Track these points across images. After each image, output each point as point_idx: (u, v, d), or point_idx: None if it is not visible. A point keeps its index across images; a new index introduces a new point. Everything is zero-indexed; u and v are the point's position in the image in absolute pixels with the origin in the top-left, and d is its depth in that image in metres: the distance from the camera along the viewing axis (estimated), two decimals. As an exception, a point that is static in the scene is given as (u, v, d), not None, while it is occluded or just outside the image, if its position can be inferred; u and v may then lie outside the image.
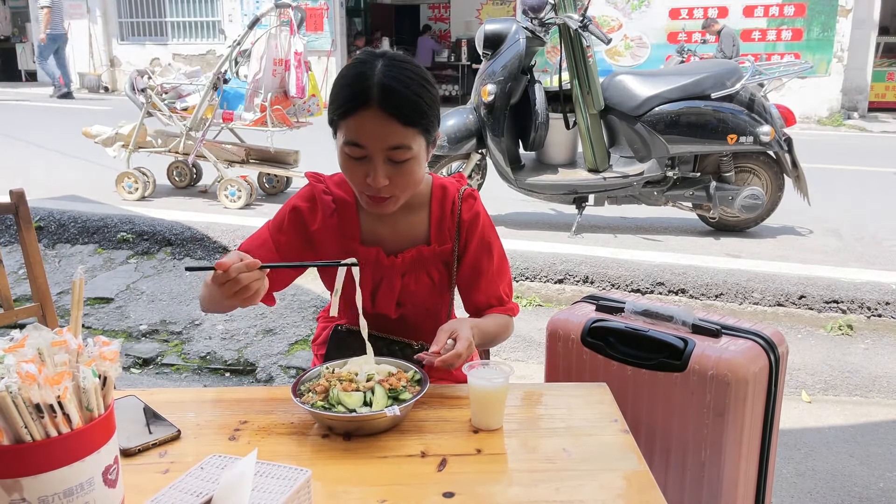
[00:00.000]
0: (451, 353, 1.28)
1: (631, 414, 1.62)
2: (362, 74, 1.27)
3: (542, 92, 4.75)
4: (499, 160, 4.72)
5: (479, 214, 1.50)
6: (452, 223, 1.48)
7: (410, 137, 1.29)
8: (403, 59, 1.32)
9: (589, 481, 1.07)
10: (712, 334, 1.60)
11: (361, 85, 1.26)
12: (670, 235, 4.88)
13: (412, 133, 1.29)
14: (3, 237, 4.64)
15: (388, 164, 1.29)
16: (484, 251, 1.50)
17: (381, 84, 1.25)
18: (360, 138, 1.28)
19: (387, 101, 1.25)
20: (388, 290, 1.46)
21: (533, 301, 3.92)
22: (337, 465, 1.10)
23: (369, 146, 1.28)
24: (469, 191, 1.50)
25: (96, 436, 0.87)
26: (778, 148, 4.55)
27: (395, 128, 1.26)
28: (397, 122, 1.26)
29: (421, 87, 1.30)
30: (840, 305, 3.71)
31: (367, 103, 1.25)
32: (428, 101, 1.30)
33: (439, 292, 1.50)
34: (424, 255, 1.46)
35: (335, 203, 1.46)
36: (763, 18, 11.73)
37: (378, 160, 1.29)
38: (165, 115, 5.61)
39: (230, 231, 4.70)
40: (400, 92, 1.26)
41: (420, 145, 1.31)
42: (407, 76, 1.28)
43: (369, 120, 1.26)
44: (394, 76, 1.27)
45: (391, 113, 1.25)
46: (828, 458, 2.52)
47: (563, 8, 4.59)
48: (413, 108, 1.28)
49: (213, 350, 3.33)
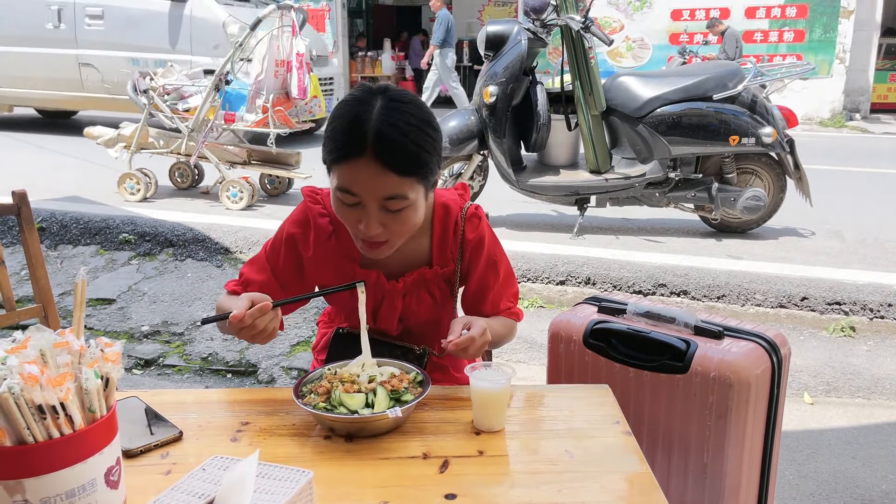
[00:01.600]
0: (465, 336, 1.27)
1: (633, 416, 1.62)
2: (358, 118, 1.19)
3: (544, 93, 4.75)
4: (500, 161, 4.72)
5: (483, 235, 1.44)
6: (455, 244, 1.43)
7: (407, 187, 1.21)
8: (403, 98, 1.23)
9: (591, 483, 1.07)
10: (714, 336, 1.60)
11: (356, 131, 1.18)
12: (672, 237, 4.87)
13: (409, 182, 1.21)
14: (6, 238, 4.64)
15: (383, 211, 1.23)
16: (490, 271, 1.48)
17: (378, 132, 1.17)
18: (353, 187, 1.21)
19: (382, 151, 1.17)
20: (389, 310, 1.45)
21: (535, 302, 3.92)
22: (339, 467, 1.10)
23: (363, 195, 1.21)
24: (472, 209, 1.44)
25: (98, 437, 0.88)
26: (780, 149, 4.55)
27: (391, 178, 1.19)
28: (393, 172, 1.19)
29: (420, 134, 1.21)
30: (842, 307, 3.71)
31: (362, 152, 1.17)
32: (428, 147, 1.23)
33: (441, 306, 1.49)
34: (426, 277, 1.44)
35: (332, 225, 1.41)
36: (765, 20, 11.73)
37: (372, 208, 1.22)
38: (167, 117, 5.62)
39: (232, 232, 4.70)
40: (397, 141, 1.18)
41: (418, 192, 1.24)
42: (406, 122, 1.20)
43: (363, 169, 1.18)
44: (391, 122, 1.18)
45: (387, 164, 1.18)
46: (830, 460, 2.52)
47: (565, 9, 4.58)
48: (411, 159, 1.20)
49: (214, 351, 3.33)
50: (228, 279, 4.19)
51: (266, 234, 4.64)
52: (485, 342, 1.30)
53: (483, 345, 1.30)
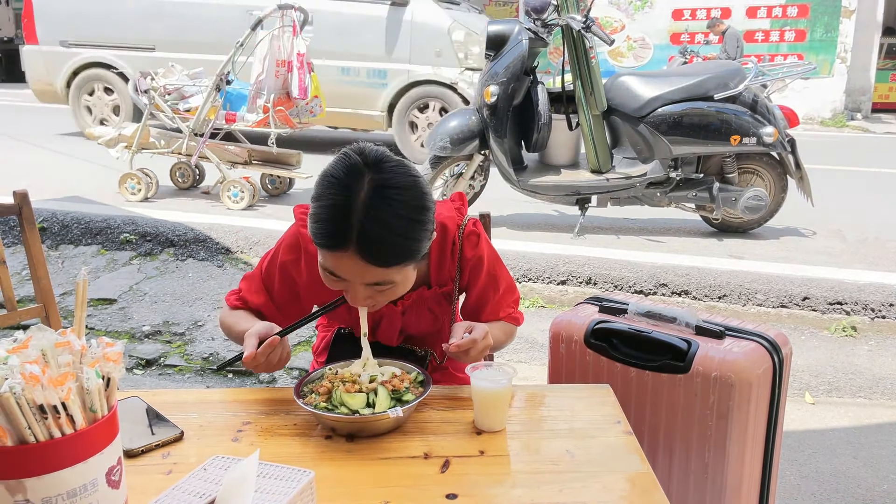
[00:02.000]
0: (467, 339, 1.27)
1: (634, 416, 1.62)
2: (342, 209, 1.13)
3: (545, 93, 4.75)
4: (501, 161, 4.72)
5: (482, 253, 1.43)
6: (453, 264, 1.42)
7: (393, 273, 1.19)
8: (394, 183, 1.15)
9: (592, 483, 1.07)
10: (716, 336, 1.60)
11: (341, 223, 1.13)
12: (673, 236, 4.87)
13: (395, 270, 1.19)
14: (7, 238, 4.64)
15: (370, 289, 1.22)
16: (490, 286, 1.48)
17: (362, 228, 1.12)
18: (336, 271, 1.19)
19: (367, 248, 1.14)
20: (388, 326, 1.45)
21: (536, 302, 3.92)
22: (340, 467, 1.10)
23: (347, 279, 1.20)
24: (470, 226, 1.42)
25: (100, 437, 0.88)
26: (781, 149, 4.55)
27: (376, 270, 1.17)
28: (378, 266, 1.17)
29: (409, 225, 1.16)
30: (844, 307, 3.70)
31: (346, 246, 1.13)
32: (418, 235, 1.18)
33: (442, 320, 1.49)
34: (425, 298, 1.44)
35: None
36: (766, 19, 11.73)
37: (357, 288, 1.21)
38: (168, 117, 5.62)
39: (233, 232, 4.70)
40: (382, 241, 1.14)
41: (406, 273, 1.22)
42: (394, 214, 1.14)
43: (347, 260, 1.15)
44: (376, 218, 1.13)
45: (371, 261, 1.15)
46: (831, 460, 2.51)
47: (566, 9, 4.58)
48: (397, 253, 1.17)
49: (215, 351, 3.33)
50: (229, 279, 4.21)
51: (267, 233, 4.64)
52: (486, 346, 1.31)
53: (485, 348, 1.31)
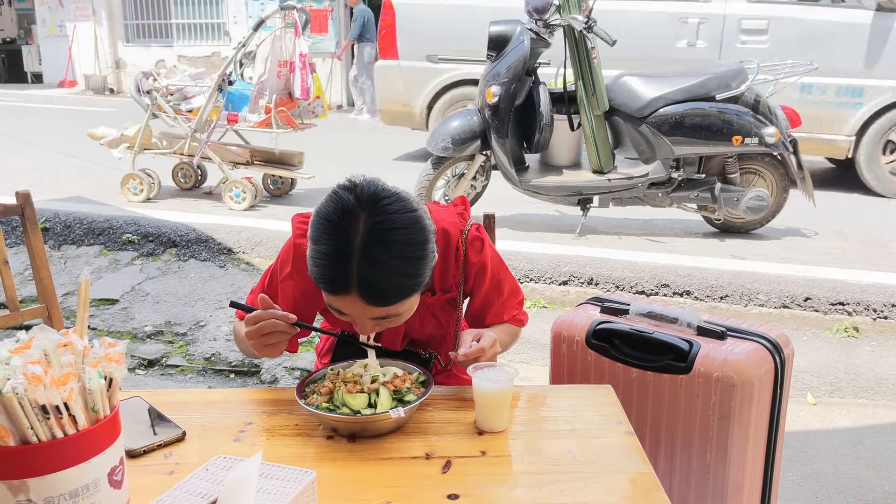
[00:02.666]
0: (475, 348, 1.28)
1: (636, 416, 1.62)
2: (340, 256, 1.14)
3: (547, 93, 4.74)
4: (503, 161, 4.72)
5: (485, 258, 1.43)
6: (457, 270, 1.42)
7: (398, 308, 1.20)
8: (390, 224, 1.14)
9: (594, 483, 1.07)
10: (717, 336, 1.60)
11: (339, 271, 1.14)
12: (675, 237, 4.87)
13: (399, 305, 1.20)
14: (9, 238, 4.65)
15: (376, 321, 1.24)
16: (494, 291, 1.47)
17: (361, 274, 1.13)
18: (341, 309, 1.21)
19: (368, 294, 1.15)
20: (392, 333, 1.44)
21: (537, 303, 3.91)
22: (341, 467, 1.10)
23: (352, 316, 1.22)
24: (473, 232, 1.42)
25: (102, 437, 0.88)
26: (783, 149, 4.54)
27: (379, 309, 1.19)
28: (380, 307, 1.18)
29: (410, 263, 1.17)
30: (846, 307, 3.70)
31: (347, 291, 1.15)
32: (419, 271, 1.19)
33: (446, 326, 1.48)
34: (429, 304, 1.43)
35: None
36: (768, 19, 11.69)
37: (363, 321, 1.23)
38: (170, 117, 5.62)
39: (235, 232, 4.70)
40: (383, 285, 1.16)
41: (411, 302, 1.23)
42: (393, 256, 1.14)
43: (350, 302, 1.17)
44: (376, 261, 1.13)
45: (373, 303, 1.16)
46: (833, 461, 2.51)
47: (568, 9, 4.58)
48: (397, 293, 1.18)
49: (217, 351, 3.34)
50: (231, 280, 4.21)
51: (269, 234, 4.64)
52: (494, 354, 1.31)
53: (493, 356, 1.31)
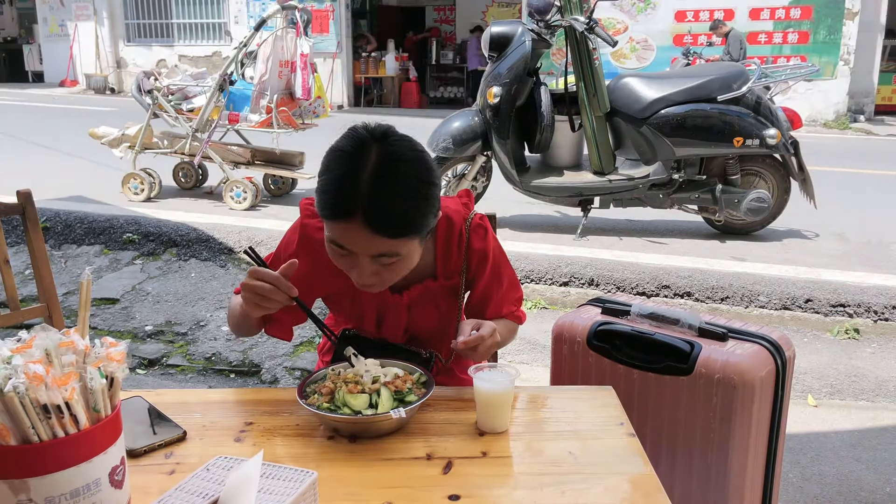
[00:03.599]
0: (475, 336, 1.27)
1: (637, 417, 1.62)
2: (349, 178, 1.15)
3: (548, 94, 4.75)
4: (504, 162, 4.72)
5: (488, 246, 1.43)
6: (459, 256, 1.42)
7: (399, 245, 1.19)
8: (399, 155, 1.18)
9: (595, 485, 1.07)
10: (719, 338, 1.60)
11: (347, 193, 1.15)
12: (676, 238, 4.87)
13: (402, 241, 1.19)
14: (10, 238, 4.65)
15: (376, 263, 1.22)
16: (494, 281, 1.48)
17: (369, 196, 1.14)
18: (344, 243, 1.20)
19: (373, 217, 1.14)
20: (394, 322, 1.45)
21: (538, 303, 3.91)
22: (342, 467, 1.10)
23: (354, 250, 1.20)
24: (477, 220, 1.43)
25: (103, 437, 0.88)
26: (784, 151, 4.54)
27: (382, 241, 1.17)
28: (384, 237, 1.17)
29: (415, 196, 1.18)
30: (846, 309, 3.70)
31: (352, 216, 1.15)
32: (423, 209, 1.19)
33: (448, 318, 1.48)
34: (431, 290, 1.43)
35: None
36: (769, 21, 11.71)
37: (364, 261, 1.21)
38: (171, 117, 5.63)
39: (235, 232, 4.70)
40: (389, 207, 1.15)
41: (411, 247, 1.22)
42: (400, 185, 1.16)
43: (354, 231, 1.16)
44: (383, 187, 1.15)
45: (377, 230, 1.15)
46: (834, 463, 2.51)
47: (569, 10, 4.58)
48: (403, 224, 1.18)
49: (218, 351, 3.34)
50: (232, 279, 4.21)
51: (269, 234, 4.64)
52: (494, 343, 1.31)
53: (492, 346, 1.31)
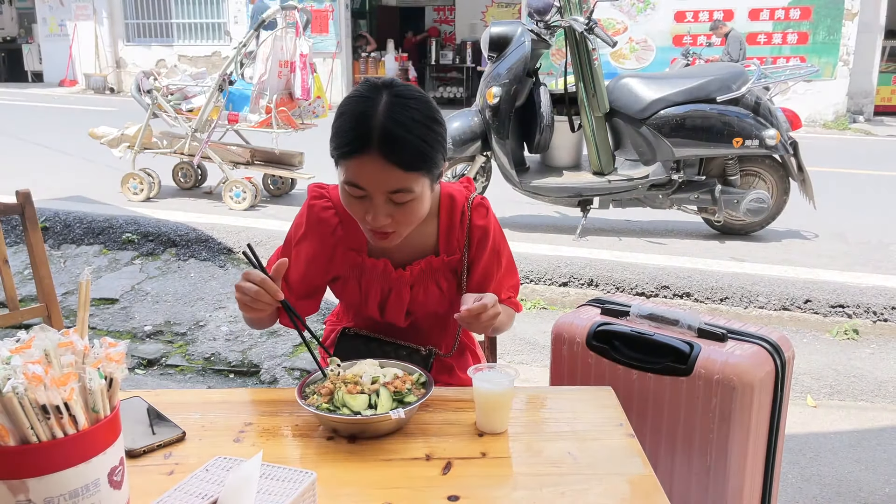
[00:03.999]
0: (478, 304, 1.28)
1: (636, 418, 1.62)
2: (363, 114, 1.22)
3: (548, 94, 4.75)
4: (503, 162, 4.72)
5: (489, 224, 1.47)
6: (462, 233, 1.45)
7: (412, 181, 1.24)
8: (408, 94, 1.25)
9: (594, 485, 1.07)
10: (718, 338, 1.60)
11: (362, 127, 1.21)
12: (675, 239, 4.87)
13: (414, 176, 1.24)
14: (9, 237, 4.65)
15: (390, 204, 1.26)
16: (494, 261, 1.49)
17: (383, 128, 1.20)
18: (359, 181, 1.24)
19: (388, 146, 1.20)
20: (396, 301, 1.46)
21: (537, 304, 3.91)
22: (342, 468, 1.10)
23: (369, 188, 1.24)
24: (478, 199, 1.47)
25: (102, 437, 0.87)
26: (783, 151, 4.54)
27: (396, 173, 1.22)
28: (398, 168, 1.21)
29: (426, 129, 1.24)
30: (846, 310, 3.70)
31: (367, 148, 1.20)
32: (433, 142, 1.25)
33: (448, 300, 1.50)
34: (433, 266, 1.45)
35: (338, 216, 1.43)
36: (769, 22, 11.71)
37: (379, 201, 1.25)
38: (171, 117, 5.62)
39: (235, 232, 4.70)
40: (402, 137, 1.21)
41: (423, 185, 1.27)
42: (411, 118, 1.22)
43: (369, 164, 1.21)
44: (396, 118, 1.21)
45: (392, 160, 1.20)
46: (833, 464, 2.51)
47: (569, 10, 4.59)
48: (415, 154, 1.23)
49: (217, 351, 3.34)
50: (231, 279, 4.21)
51: (269, 234, 4.64)
52: (496, 314, 1.30)
53: (494, 316, 1.30)
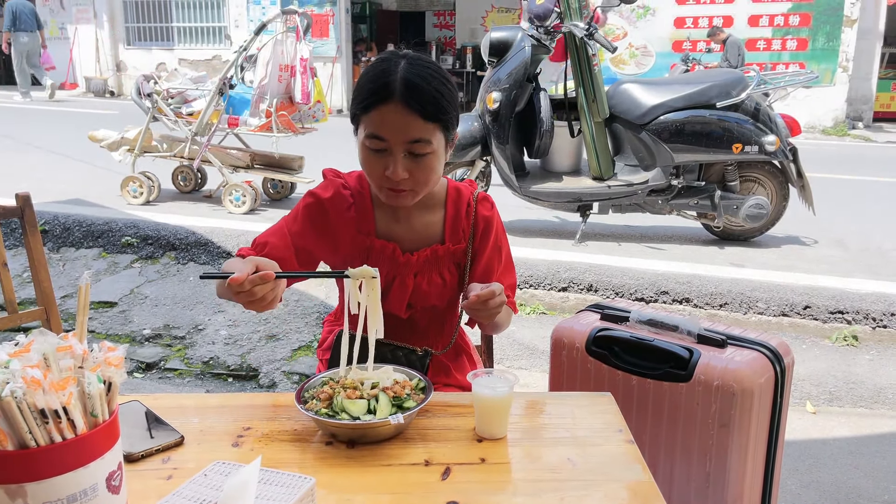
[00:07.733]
0: (486, 290, 1.30)
1: (636, 424, 1.61)
2: (385, 71, 1.32)
3: (548, 100, 4.75)
4: (503, 167, 4.72)
5: (493, 217, 1.54)
6: (467, 223, 1.51)
7: (431, 132, 1.33)
8: (426, 59, 1.38)
9: (593, 492, 1.06)
10: (718, 344, 1.60)
11: (384, 80, 1.31)
12: (675, 244, 4.87)
13: (432, 128, 1.33)
14: (9, 240, 4.64)
15: (408, 157, 1.33)
16: (495, 255, 1.54)
17: (404, 79, 1.30)
18: (381, 131, 1.31)
19: (409, 95, 1.29)
20: (400, 289, 1.47)
21: (537, 309, 3.91)
22: (340, 473, 1.10)
23: (390, 139, 1.31)
24: (483, 194, 1.55)
25: (100, 442, 0.87)
26: (783, 157, 4.55)
27: (417, 122, 1.30)
28: (419, 116, 1.30)
29: (442, 85, 1.34)
30: (845, 316, 3.70)
31: (390, 97, 1.29)
32: (448, 98, 1.35)
33: (449, 294, 1.52)
34: (439, 255, 1.49)
35: (353, 197, 1.48)
36: (768, 28, 11.74)
37: (398, 153, 1.32)
38: (171, 120, 5.63)
39: (234, 236, 4.70)
40: (422, 87, 1.31)
41: (440, 141, 1.36)
42: (429, 73, 1.33)
43: (391, 113, 1.30)
44: (416, 73, 1.32)
45: (413, 107, 1.29)
46: (833, 470, 2.51)
47: (569, 16, 4.59)
48: (434, 104, 1.32)
49: (216, 355, 3.33)
50: (230, 283, 4.20)
51: (268, 238, 4.63)
52: (502, 301, 1.32)
53: (500, 304, 1.32)
